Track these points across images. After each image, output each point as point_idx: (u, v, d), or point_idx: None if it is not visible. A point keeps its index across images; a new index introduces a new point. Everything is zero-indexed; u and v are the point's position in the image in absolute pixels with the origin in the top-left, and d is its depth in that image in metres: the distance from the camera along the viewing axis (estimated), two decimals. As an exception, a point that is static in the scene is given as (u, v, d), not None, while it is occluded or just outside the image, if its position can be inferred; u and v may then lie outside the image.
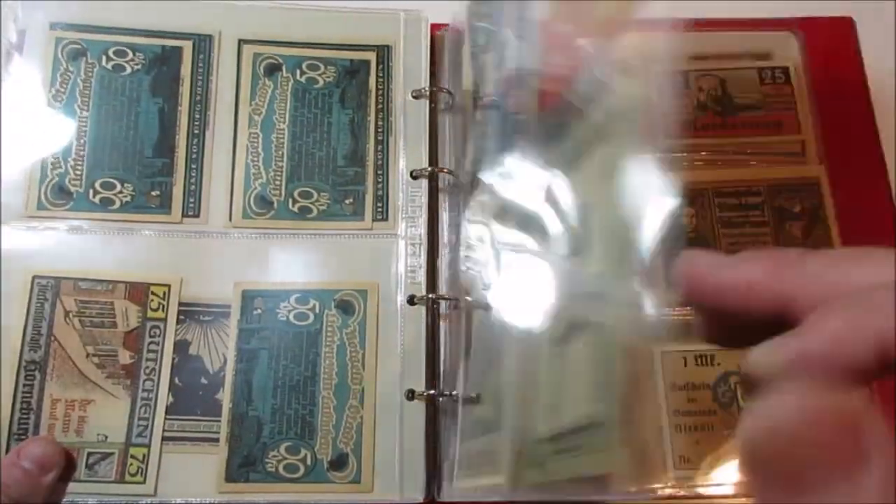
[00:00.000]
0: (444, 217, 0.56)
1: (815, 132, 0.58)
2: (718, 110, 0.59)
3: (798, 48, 0.60)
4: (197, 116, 0.56)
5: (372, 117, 0.58)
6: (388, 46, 0.59)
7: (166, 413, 0.50)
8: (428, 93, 0.58)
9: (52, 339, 0.50)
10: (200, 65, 0.57)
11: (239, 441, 0.50)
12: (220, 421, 0.50)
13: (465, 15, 0.55)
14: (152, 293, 0.52)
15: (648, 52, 0.59)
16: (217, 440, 0.50)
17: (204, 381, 0.51)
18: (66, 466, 0.47)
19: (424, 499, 0.49)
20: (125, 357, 0.51)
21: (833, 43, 0.60)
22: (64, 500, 0.47)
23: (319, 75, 0.58)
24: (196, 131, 0.56)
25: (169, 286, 0.52)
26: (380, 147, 0.57)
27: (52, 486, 0.45)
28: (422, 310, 0.53)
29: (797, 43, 0.60)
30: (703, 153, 0.58)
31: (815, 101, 0.59)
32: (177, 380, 0.51)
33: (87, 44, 0.56)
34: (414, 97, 0.58)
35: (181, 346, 0.52)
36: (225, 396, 0.51)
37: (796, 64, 0.60)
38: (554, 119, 0.43)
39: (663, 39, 0.59)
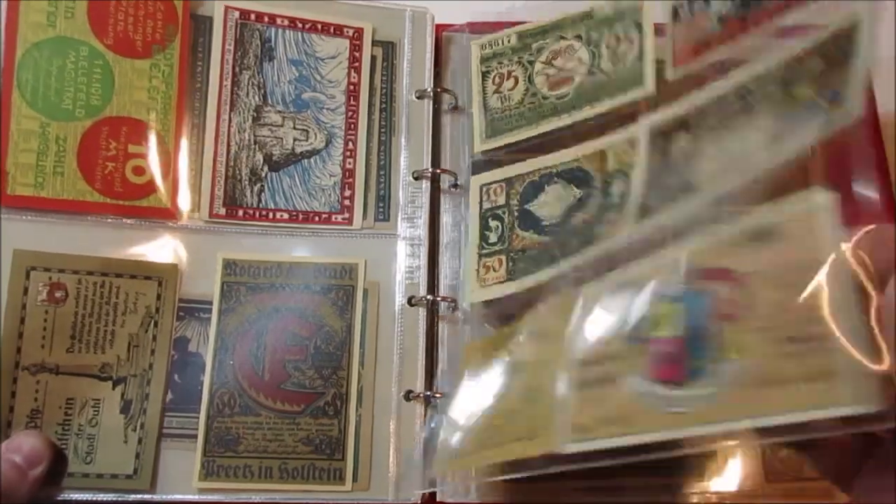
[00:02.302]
0: (446, 218, 0.56)
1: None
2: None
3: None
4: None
5: (376, 116, 0.58)
6: (392, 43, 0.59)
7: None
8: (431, 93, 0.58)
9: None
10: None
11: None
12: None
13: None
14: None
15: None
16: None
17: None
18: (57, 462, 0.47)
19: (421, 499, 0.49)
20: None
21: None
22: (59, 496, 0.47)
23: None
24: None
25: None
26: (382, 147, 0.57)
27: (39, 480, 0.45)
28: (420, 310, 0.53)
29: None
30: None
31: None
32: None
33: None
34: (417, 97, 0.58)
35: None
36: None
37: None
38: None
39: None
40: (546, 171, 0.54)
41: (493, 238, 0.54)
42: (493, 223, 0.54)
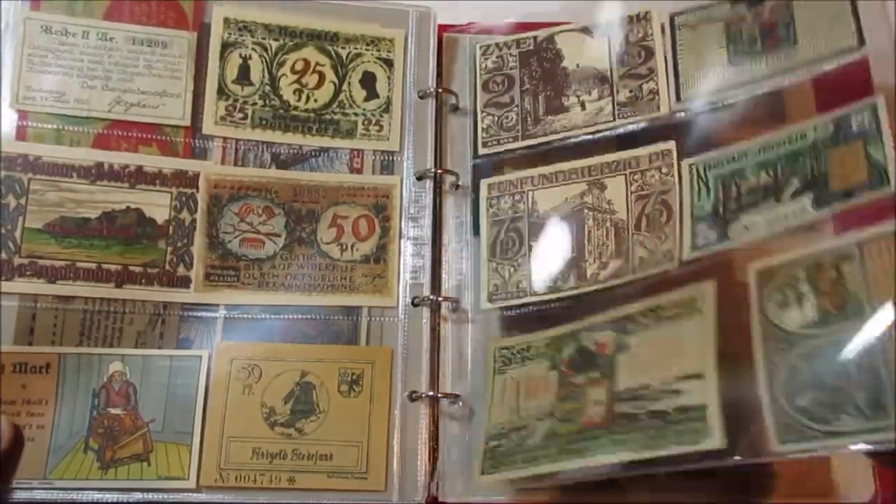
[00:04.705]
0: (449, 218, 0.56)
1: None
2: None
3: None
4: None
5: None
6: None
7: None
8: (434, 93, 0.58)
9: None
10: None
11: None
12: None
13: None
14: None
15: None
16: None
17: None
18: (14, 443, 0.46)
19: (425, 499, 0.50)
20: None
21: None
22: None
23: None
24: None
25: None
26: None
27: None
28: (425, 311, 0.54)
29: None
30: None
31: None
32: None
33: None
34: (420, 97, 0.58)
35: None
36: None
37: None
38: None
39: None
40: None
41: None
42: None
